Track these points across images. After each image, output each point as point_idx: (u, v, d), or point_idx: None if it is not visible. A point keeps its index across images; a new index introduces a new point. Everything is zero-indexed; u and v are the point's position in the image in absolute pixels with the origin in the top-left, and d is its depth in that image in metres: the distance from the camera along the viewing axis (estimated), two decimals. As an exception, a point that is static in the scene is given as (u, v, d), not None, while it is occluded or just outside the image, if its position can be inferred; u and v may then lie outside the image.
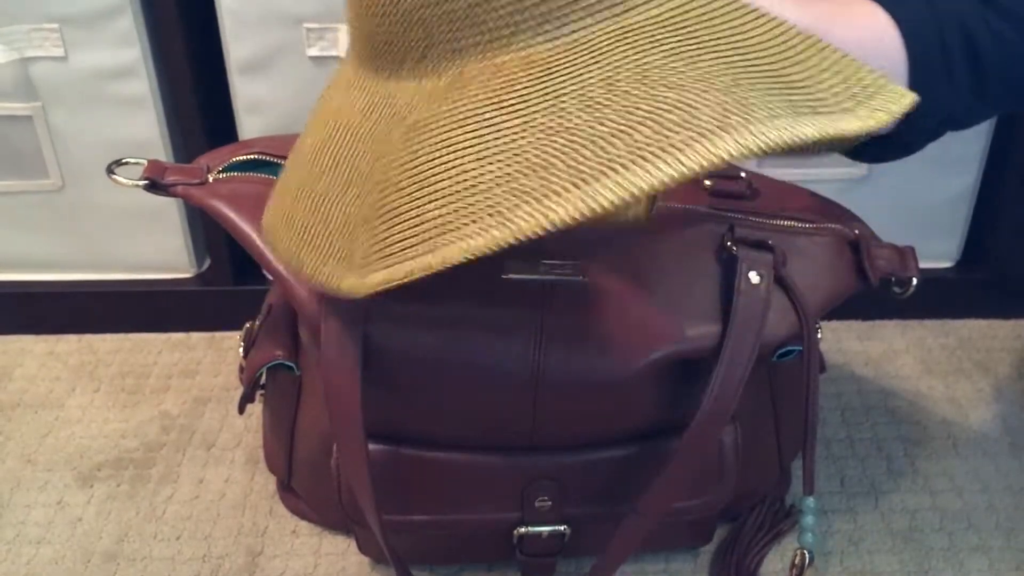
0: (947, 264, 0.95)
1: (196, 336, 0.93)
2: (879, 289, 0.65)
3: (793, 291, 0.60)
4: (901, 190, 0.89)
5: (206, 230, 0.91)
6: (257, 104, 0.82)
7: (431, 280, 0.58)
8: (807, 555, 0.63)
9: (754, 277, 0.59)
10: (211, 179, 0.63)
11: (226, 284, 0.92)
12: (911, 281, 0.65)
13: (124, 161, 0.65)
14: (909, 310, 0.95)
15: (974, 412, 0.84)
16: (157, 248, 0.91)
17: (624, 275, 0.60)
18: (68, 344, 0.92)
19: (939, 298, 0.94)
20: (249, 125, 0.84)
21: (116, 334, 0.93)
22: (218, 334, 0.93)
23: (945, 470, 0.78)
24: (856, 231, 0.65)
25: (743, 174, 0.68)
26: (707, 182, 0.67)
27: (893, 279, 0.65)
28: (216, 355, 0.90)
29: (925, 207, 0.91)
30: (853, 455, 0.80)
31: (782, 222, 0.65)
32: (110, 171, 0.64)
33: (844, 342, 0.92)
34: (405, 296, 0.57)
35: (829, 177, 0.88)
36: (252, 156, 0.65)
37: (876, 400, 0.85)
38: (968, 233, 0.93)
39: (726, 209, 0.65)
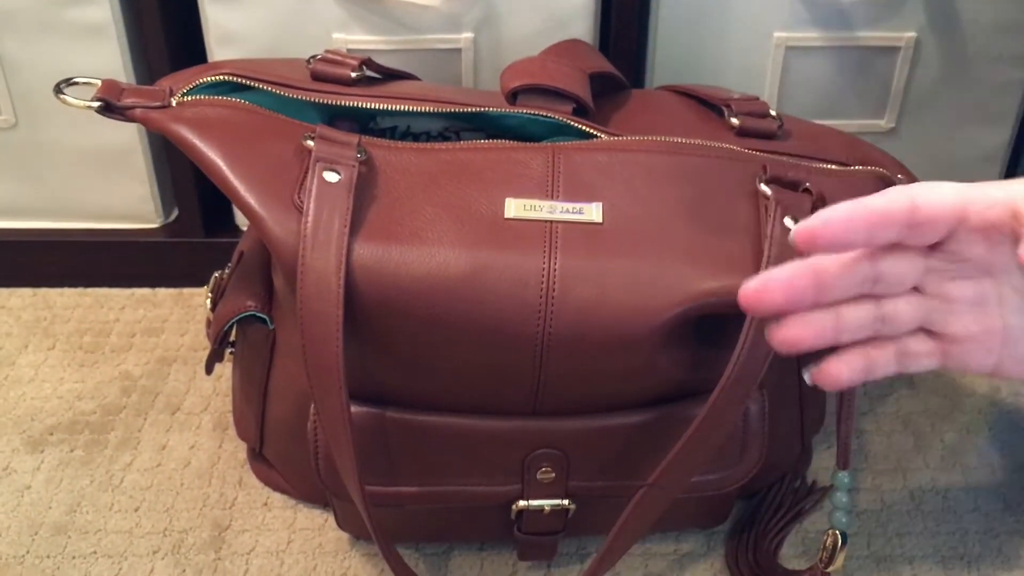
0: (975, 227, 0.89)
1: (162, 292, 0.89)
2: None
3: (834, 239, 0.54)
4: (929, 144, 0.85)
5: (174, 176, 0.87)
6: (231, 35, 0.78)
7: (423, 222, 0.52)
8: (840, 537, 0.58)
9: (790, 223, 0.54)
10: (175, 103, 0.57)
11: (196, 235, 0.88)
12: (958, 234, 0.59)
13: (75, 80, 0.59)
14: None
15: (1005, 384, 0.79)
16: (121, 195, 0.87)
17: (644, 218, 0.55)
18: (21, 298, 0.88)
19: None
20: (222, 58, 0.79)
21: (74, 288, 0.89)
22: (186, 290, 0.89)
23: (976, 446, 0.73)
24: (899, 176, 0.59)
25: (773, 112, 0.62)
26: (734, 120, 0.61)
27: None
28: (183, 312, 0.86)
29: (954, 164, 0.86)
30: (878, 430, 0.75)
31: (819, 164, 0.59)
32: (58, 90, 0.58)
33: (864, 309, 0.87)
34: (392, 236, 0.52)
35: (852, 129, 0.82)
36: (222, 77, 0.59)
37: (900, 371, 0.80)
38: (999, 194, 0.88)
39: (756, 149, 0.59)
